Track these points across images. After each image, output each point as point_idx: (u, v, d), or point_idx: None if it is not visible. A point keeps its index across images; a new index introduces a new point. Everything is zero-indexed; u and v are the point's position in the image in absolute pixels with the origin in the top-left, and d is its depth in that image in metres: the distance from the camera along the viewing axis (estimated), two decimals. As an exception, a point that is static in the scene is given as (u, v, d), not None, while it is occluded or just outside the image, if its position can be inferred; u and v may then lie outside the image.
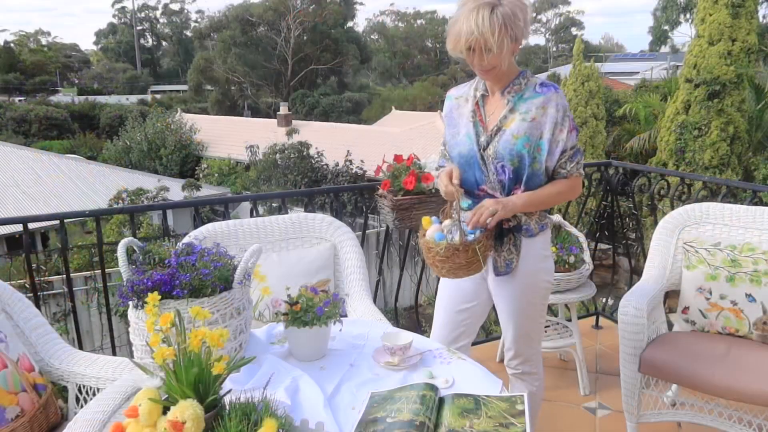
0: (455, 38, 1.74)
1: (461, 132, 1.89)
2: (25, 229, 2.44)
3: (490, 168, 1.82)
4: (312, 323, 1.61)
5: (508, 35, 1.70)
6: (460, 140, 1.88)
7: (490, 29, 1.67)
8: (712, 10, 8.60)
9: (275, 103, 29.30)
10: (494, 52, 1.71)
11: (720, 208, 2.48)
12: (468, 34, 1.69)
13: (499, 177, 1.82)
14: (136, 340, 1.52)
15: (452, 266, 1.71)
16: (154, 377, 1.24)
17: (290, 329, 1.63)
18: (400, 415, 1.32)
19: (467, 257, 1.69)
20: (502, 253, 1.87)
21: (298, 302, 1.64)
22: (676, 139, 8.88)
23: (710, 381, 2.00)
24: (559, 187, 1.85)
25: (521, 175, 1.81)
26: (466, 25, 1.69)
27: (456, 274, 1.74)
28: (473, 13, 1.68)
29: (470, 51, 1.74)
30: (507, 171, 1.81)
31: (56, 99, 33.62)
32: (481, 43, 1.70)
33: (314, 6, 32.66)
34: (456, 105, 1.95)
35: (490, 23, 1.67)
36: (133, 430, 1.18)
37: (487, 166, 1.82)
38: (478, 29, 1.67)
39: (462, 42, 1.72)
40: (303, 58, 32.72)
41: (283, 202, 2.82)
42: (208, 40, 35.84)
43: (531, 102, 1.80)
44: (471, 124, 1.86)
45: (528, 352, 2.01)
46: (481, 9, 1.68)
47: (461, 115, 1.91)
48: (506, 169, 1.80)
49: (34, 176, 15.05)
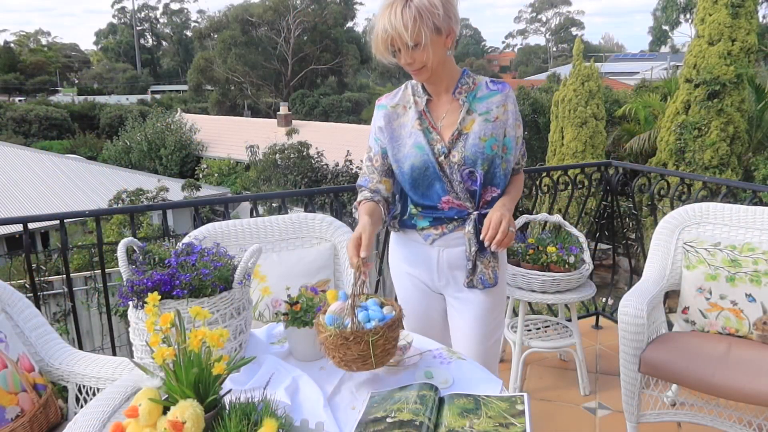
0: (375, 41, 1.65)
1: (407, 143, 1.73)
2: (25, 229, 2.44)
3: (454, 177, 1.71)
4: (312, 323, 1.59)
5: (426, 26, 1.59)
6: (408, 152, 1.72)
7: (403, 22, 1.57)
8: (711, 10, 8.60)
9: (275, 103, 29.32)
10: (417, 48, 1.61)
11: (720, 208, 2.48)
12: (383, 32, 1.61)
13: (466, 184, 1.72)
14: (136, 340, 1.52)
15: (342, 357, 1.41)
16: (155, 377, 1.24)
17: (290, 329, 1.62)
18: (400, 415, 1.32)
19: (359, 350, 1.37)
20: (489, 264, 1.78)
21: (299, 302, 1.63)
22: (676, 139, 8.88)
23: (710, 381, 2.00)
24: (520, 183, 1.83)
25: (494, 177, 1.72)
26: (381, 24, 1.61)
27: (349, 367, 1.43)
28: (387, 11, 1.60)
29: (396, 52, 1.65)
30: (478, 177, 1.70)
31: (56, 99, 33.65)
32: (398, 41, 1.61)
33: (314, 6, 32.67)
34: (393, 114, 1.78)
35: (403, 16, 1.58)
36: (133, 430, 1.18)
37: (449, 175, 1.71)
38: (391, 25, 1.59)
39: (380, 43, 1.63)
40: (303, 58, 32.73)
41: (283, 202, 2.82)
42: (208, 40, 35.85)
43: (489, 101, 1.72)
44: (420, 133, 1.72)
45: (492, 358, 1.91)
46: (394, 5, 1.60)
47: (403, 124, 1.76)
48: (477, 174, 1.70)
49: (34, 176, 15.06)
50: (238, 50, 31.25)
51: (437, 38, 1.63)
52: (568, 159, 10.08)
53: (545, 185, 3.46)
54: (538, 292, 2.72)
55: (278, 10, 31.59)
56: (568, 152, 10.11)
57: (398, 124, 1.77)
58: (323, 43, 32.60)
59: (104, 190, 14.26)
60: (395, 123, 1.77)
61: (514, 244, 2.82)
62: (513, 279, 2.76)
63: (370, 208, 1.69)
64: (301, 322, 1.61)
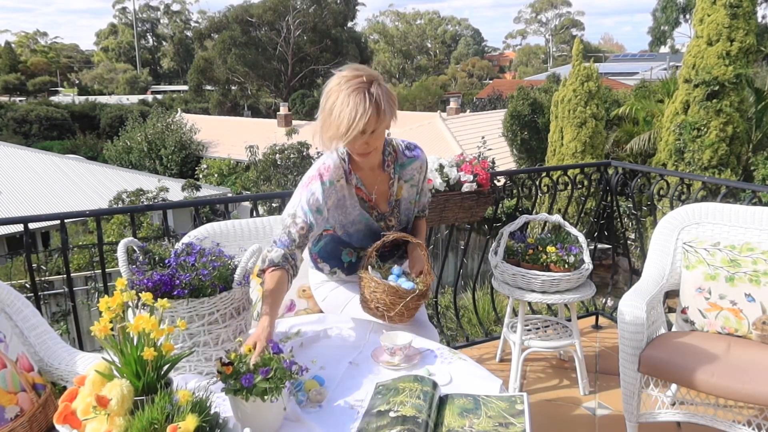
0: (335, 126, 1.70)
1: (353, 213, 1.91)
2: (26, 229, 2.44)
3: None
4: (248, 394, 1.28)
5: (384, 114, 1.73)
6: (355, 219, 1.92)
7: (371, 112, 1.68)
8: (710, 11, 8.59)
9: (275, 103, 29.31)
10: (373, 134, 1.74)
11: (719, 208, 2.48)
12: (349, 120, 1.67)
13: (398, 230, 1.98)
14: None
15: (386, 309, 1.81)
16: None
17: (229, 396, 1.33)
18: (403, 410, 1.32)
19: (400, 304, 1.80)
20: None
21: (232, 363, 1.33)
22: (676, 140, 8.88)
23: (710, 381, 2.01)
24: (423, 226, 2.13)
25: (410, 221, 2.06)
26: (347, 112, 1.67)
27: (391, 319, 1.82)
28: (350, 101, 1.67)
29: (361, 134, 1.72)
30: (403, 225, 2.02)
31: (57, 99, 33.62)
32: (367, 127, 1.70)
33: (314, 6, 32.66)
34: (335, 189, 1.87)
35: (369, 107, 1.68)
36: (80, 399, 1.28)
37: (387, 230, 1.96)
38: (358, 114, 1.67)
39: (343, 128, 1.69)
40: (303, 58, 32.72)
41: (283, 202, 2.82)
42: (208, 40, 35.84)
43: (410, 168, 1.96)
44: (360, 207, 1.91)
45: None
46: (356, 95, 1.68)
47: (346, 197, 1.89)
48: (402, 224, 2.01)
49: (34, 176, 15.06)
50: (238, 50, 31.22)
51: (386, 123, 1.77)
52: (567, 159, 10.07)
53: (545, 185, 3.47)
54: (537, 292, 2.72)
55: (278, 10, 31.56)
56: (568, 152, 10.10)
57: (342, 196, 1.89)
58: (323, 43, 32.59)
59: (104, 190, 14.26)
60: (339, 194, 1.88)
61: (514, 244, 2.82)
62: (513, 279, 2.76)
63: (280, 280, 1.70)
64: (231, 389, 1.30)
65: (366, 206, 1.92)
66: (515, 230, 2.87)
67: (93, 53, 57.52)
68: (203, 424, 1.16)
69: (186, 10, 56.69)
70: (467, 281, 5.39)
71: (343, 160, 1.87)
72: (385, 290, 1.76)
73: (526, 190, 3.33)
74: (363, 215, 1.92)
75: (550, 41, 57.04)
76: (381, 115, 1.71)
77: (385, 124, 1.77)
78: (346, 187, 1.88)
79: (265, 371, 1.29)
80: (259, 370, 1.30)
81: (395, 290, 1.75)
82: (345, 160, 1.87)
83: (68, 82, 49.73)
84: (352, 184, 1.88)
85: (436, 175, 2.61)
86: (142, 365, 1.27)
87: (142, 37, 56.24)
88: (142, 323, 1.27)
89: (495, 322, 3.92)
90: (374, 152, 1.82)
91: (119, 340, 1.29)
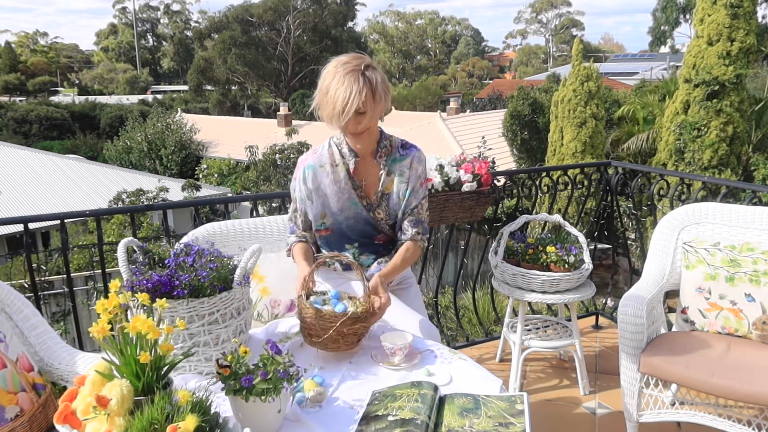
0: (330, 107, 1.80)
1: (342, 198, 1.96)
2: (26, 229, 2.44)
3: (381, 225, 2.01)
4: (248, 394, 1.29)
5: (377, 95, 1.80)
6: (344, 205, 1.96)
7: (366, 92, 1.77)
8: (710, 11, 8.59)
9: (275, 103, 29.31)
10: (364, 116, 1.81)
11: (719, 208, 2.48)
12: (343, 100, 1.76)
13: (390, 225, 2.03)
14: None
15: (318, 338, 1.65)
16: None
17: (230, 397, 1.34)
18: (401, 413, 1.32)
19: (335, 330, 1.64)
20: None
21: (229, 365, 1.33)
22: (676, 140, 8.88)
23: (710, 381, 2.01)
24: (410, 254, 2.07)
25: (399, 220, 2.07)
26: (341, 93, 1.76)
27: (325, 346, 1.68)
28: (344, 82, 1.77)
29: (355, 114, 1.80)
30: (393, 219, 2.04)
31: (57, 99, 33.62)
32: (361, 106, 1.78)
33: (314, 6, 32.66)
34: (322, 173, 1.96)
35: (363, 87, 1.76)
36: (80, 399, 1.28)
37: (377, 223, 2.00)
38: (353, 95, 1.75)
39: (338, 108, 1.78)
40: (303, 58, 32.72)
41: (283, 202, 2.83)
42: (208, 40, 35.84)
43: (402, 164, 2.00)
44: (351, 191, 1.95)
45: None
46: (351, 77, 1.77)
47: (334, 181, 1.95)
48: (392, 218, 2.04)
49: (34, 176, 15.06)
50: (238, 50, 31.23)
51: (380, 107, 1.84)
52: (567, 159, 10.07)
53: (545, 185, 3.47)
54: (537, 292, 2.72)
55: (278, 10, 31.57)
56: (568, 152, 10.09)
57: (329, 181, 1.96)
58: (323, 43, 32.58)
59: (104, 190, 14.25)
60: (326, 180, 1.96)
61: (514, 244, 2.82)
62: (513, 279, 2.76)
63: (304, 249, 2.00)
64: (231, 389, 1.31)
65: (358, 192, 1.96)
66: (515, 230, 2.87)
67: (93, 53, 57.54)
68: (203, 424, 1.16)
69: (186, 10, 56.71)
70: (467, 281, 5.40)
71: (337, 145, 1.97)
72: (313, 315, 1.62)
73: (526, 190, 3.33)
74: (352, 200, 1.96)
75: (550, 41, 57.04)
76: (376, 96, 1.80)
77: (380, 107, 1.83)
78: (337, 171, 1.95)
79: (263, 373, 1.31)
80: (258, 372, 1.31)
81: (321, 314, 1.61)
82: (339, 146, 1.97)
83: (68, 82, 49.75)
84: (346, 169, 1.95)
85: (436, 175, 2.60)
86: (142, 365, 1.27)
87: (142, 37, 56.25)
88: (139, 325, 1.27)
89: (495, 322, 3.92)
90: (367, 134, 1.89)
91: (119, 341, 1.29)
